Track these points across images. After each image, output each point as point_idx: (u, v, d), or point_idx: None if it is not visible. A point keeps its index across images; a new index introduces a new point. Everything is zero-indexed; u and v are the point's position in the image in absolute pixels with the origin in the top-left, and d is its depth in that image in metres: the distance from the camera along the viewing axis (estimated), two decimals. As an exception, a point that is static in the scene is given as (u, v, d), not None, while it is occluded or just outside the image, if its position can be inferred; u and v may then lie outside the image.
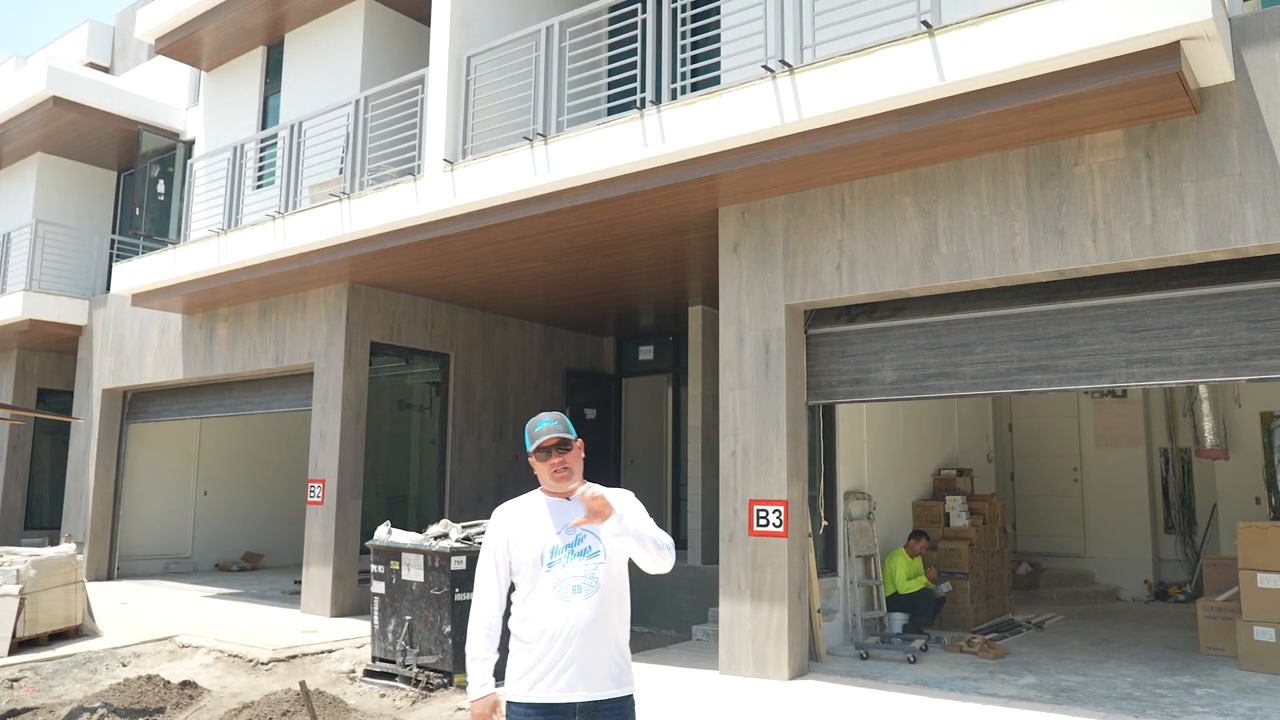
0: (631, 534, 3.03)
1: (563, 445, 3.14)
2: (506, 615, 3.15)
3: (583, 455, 3.21)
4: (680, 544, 11.82)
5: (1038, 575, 11.37)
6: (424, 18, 11.31)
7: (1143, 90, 5.42)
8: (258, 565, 14.77)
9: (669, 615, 10.23)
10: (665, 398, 14.14)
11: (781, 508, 6.95)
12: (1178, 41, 5.12)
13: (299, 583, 12.09)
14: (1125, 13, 5.13)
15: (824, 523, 7.88)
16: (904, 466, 9.52)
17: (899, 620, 8.34)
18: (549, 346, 12.71)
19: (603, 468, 13.15)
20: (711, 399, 11.10)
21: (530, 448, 3.17)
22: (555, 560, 3.05)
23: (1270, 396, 10.38)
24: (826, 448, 8.15)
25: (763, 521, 7.01)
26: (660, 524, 13.21)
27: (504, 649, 3.13)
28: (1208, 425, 10.56)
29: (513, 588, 3.14)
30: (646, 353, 13.24)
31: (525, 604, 3.08)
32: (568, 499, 3.15)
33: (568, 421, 3.19)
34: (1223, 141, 5.58)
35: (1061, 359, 6.32)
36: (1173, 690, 6.58)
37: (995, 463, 11.95)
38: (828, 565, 8.13)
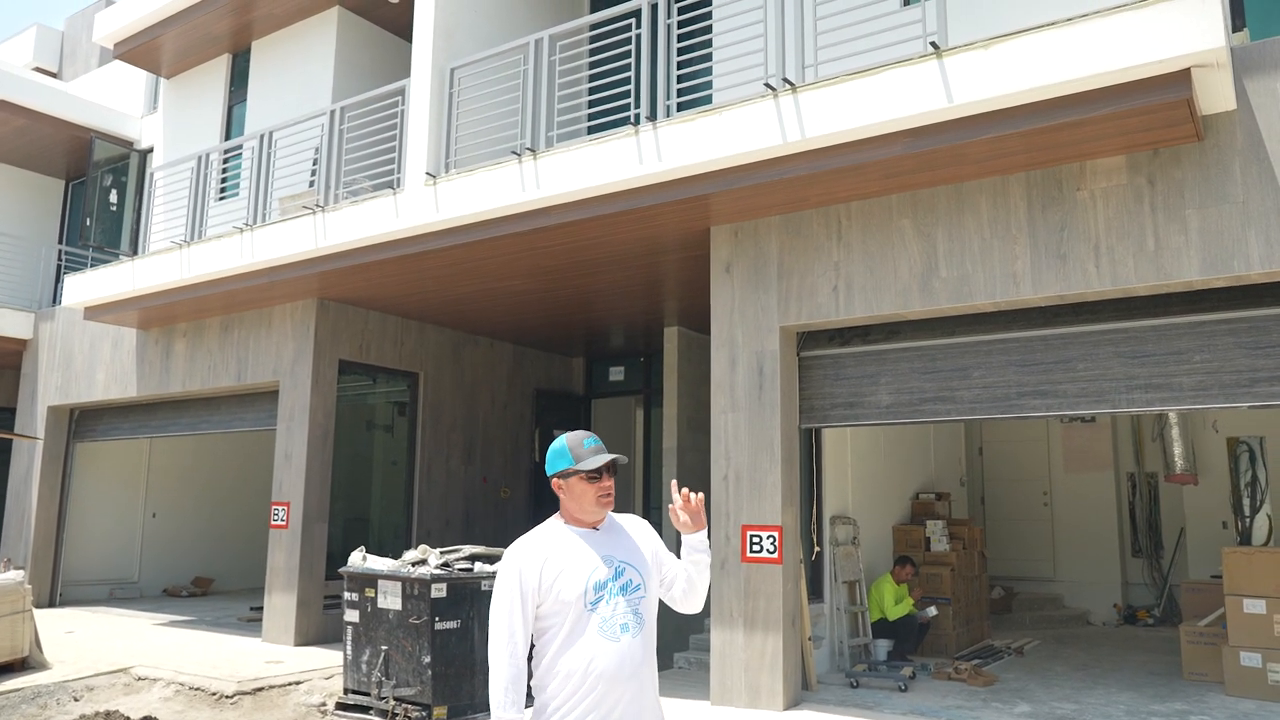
0: (703, 554, 2.87)
1: (614, 467, 2.88)
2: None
3: (610, 484, 2.98)
4: (654, 569, 11.61)
5: (1010, 599, 11.38)
6: (398, 30, 11.11)
7: (1150, 116, 5.42)
8: (209, 590, 14.21)
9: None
10: (634, 419, 13.97)
11: (776, 533, 6.80)
12: (1188, 68, 5.13)
13: (255, 609, 11.64)
14: (1137, 38, 5.13)
15: (816, 549, 7.75)
16: (884, 490, 9.46)
17: (883, 647, 8.24)
18: (519, 366, 12.47)
19: (572, 490, 12.92)
20: (687, 421, 10.96)
21: (567, 466, 2.84)
22: (600, 597, 2.77)
23: (1237, 422, 10.53)
24: (814, 472, 8.04)
25: (756, 548, 6.86)
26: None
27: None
28: (1177, 450, 10.69)
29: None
30: (617, 374, 13.06)
31: (566, 652, 2.75)
32: (595, 528, 2.89)
33: (595, 439, 2.95)
34: (1225, 169, 5.60)
35: (1061, 384, 6.29)
36: (1167, 718, 6.54)
37: (966, 486, 11.97)
38: (814, 591, 8.00)
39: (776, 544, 6.78)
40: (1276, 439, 10.40)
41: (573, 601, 2.76)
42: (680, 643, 9.31)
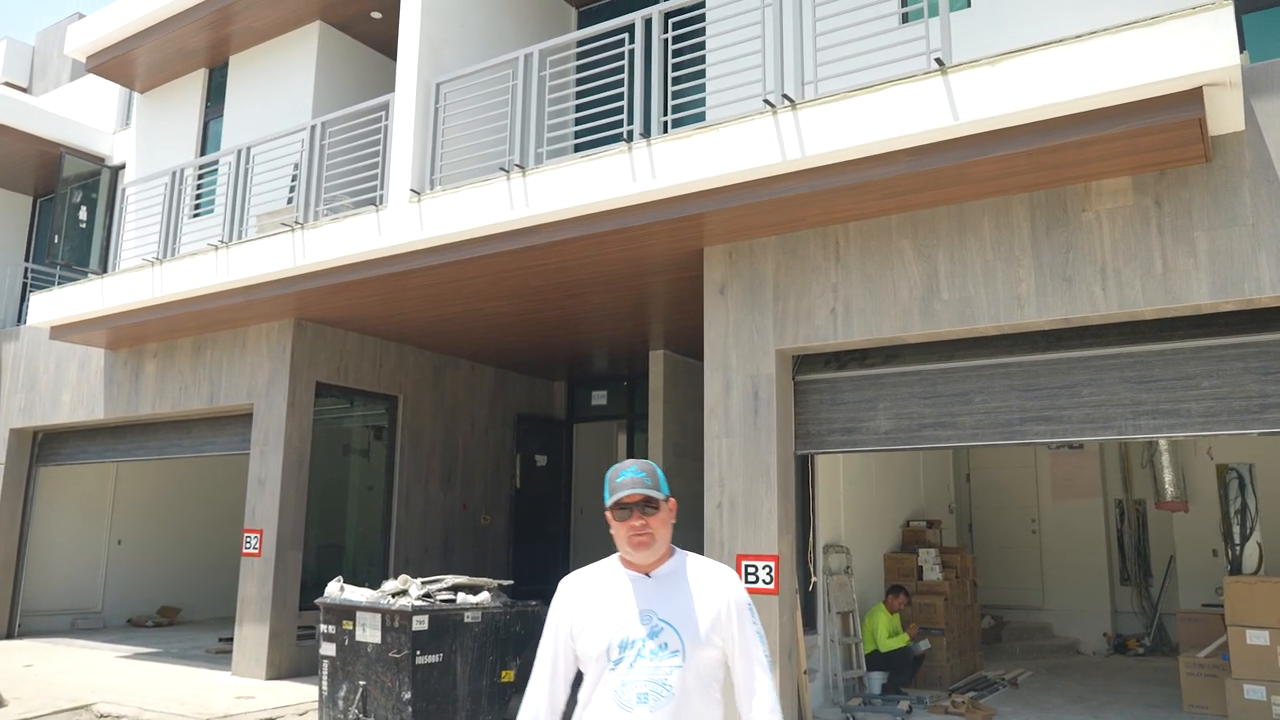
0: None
1: (647, 505, 2.48)
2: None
3: (673, 519, 2.56)
4: (638, 598, 11.34)
5: (1000, 629, 11.20)
6: (380, 45, 10.92)
7: (1160, 136, 5.31)
8: (175, 620, 13.74)
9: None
10: (615, 445, 13.73)
11: (772, 563, 6.58)
12: (1200, 87, 5.03)
13: (224, 640, 11.24)
14: (1148, 56, 5.02)
15: (813, 579, 7.53)
16: (876, 518, 9.26)
17: (878, 680, 8.02)
18: (500, 390, 12.20)
19: (552, 517, 12.64)
20: (673, 447, 10.73)
21: (607, 501, 2.53)
22: (623, 657, 2.43)
23: (1229, 448, 10.46)
24: (807, 499, 7.82)
25: (752, 578, 6.63)
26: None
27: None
28: (1168, 477, 10.59)
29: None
30: (599, 398, 12.83)
31: (584, 711, 2.47)
32: (648, 575, 2.54)
33: (659, 473, 2.54)
34: (1234, 191, 5.50)
35: (1065, 409, 6.13)
36: (1174, 754, 6.36)
37: (955, 514, 11.81)
38: (807, 622, 7.76)
39: (773, 574, 6.56)
40: (1266, 466, 10.33)
41: (595, 657, 2.46)
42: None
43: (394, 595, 7.17)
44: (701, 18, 7.73)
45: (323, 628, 7.33)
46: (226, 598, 14.21)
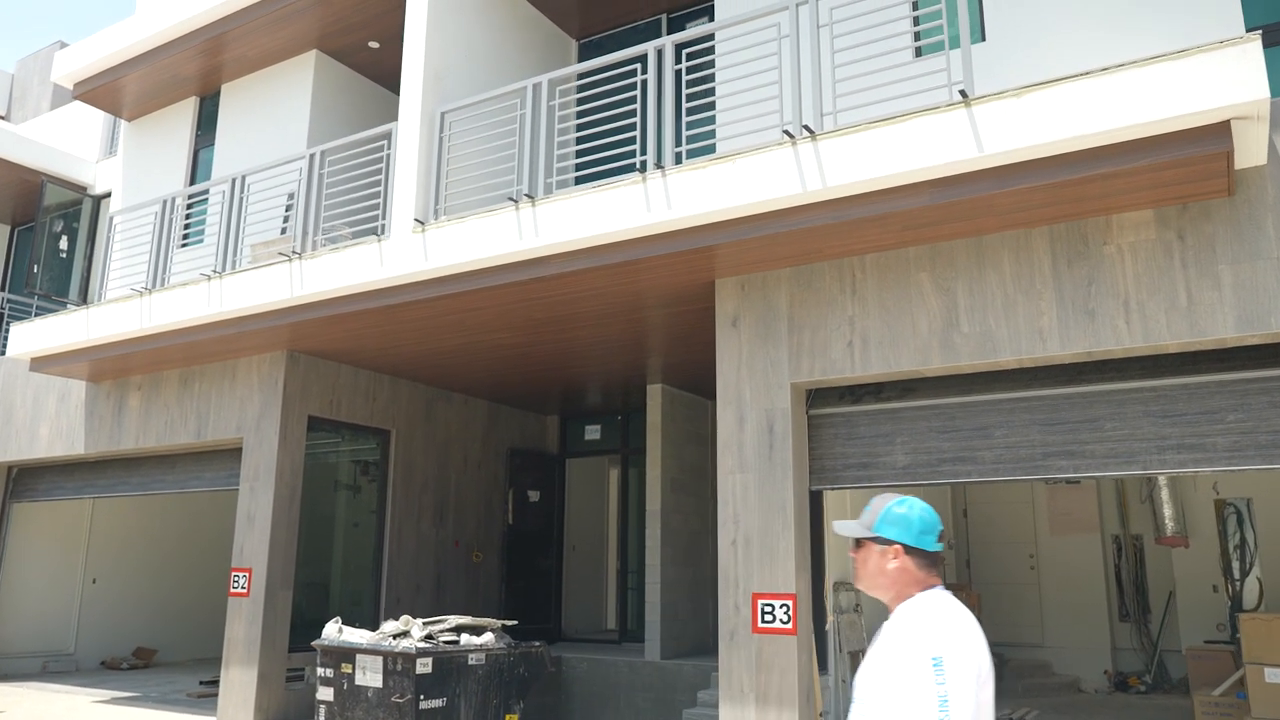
0: None
1: (856, 541, 2.55)
2: None
3: (885, 563, 2.48)
4: (636, 638, 11.12)
5: (1002, 667, 11.06)
6: (377, 75, 10.83)
7: (1184, 169, 5.28)
8: (151, 662, 13.29)
9: (624, 716, 9.49)
10: (609, 480, 13.55)
11: (790, 602, 6.42)
12: (1228, 120, 5.01)
13: (206, 683, 10.89)
14: (1176, 89, 5.00)
15: (830, 617, 7.37)
16: (881, 554, 9.11)
17: (889, 721, 7.83)
18: (493, 424, 11.99)
19: (545, 554, 12.39)
20: (671, 482, 10.57)
21: (908, 539, 2.43)
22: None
23: (1225, 483, 10.46)
24: (816, 535, 7.68)
25: (768, 617, 6.46)
26: (602, 615, 12.56)
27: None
28: (1167, 512, 10.56)
29: None
30: (593, 432, 12.65)
31: None
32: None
33: (879, 511, 2.50)
34: (1258, 225, 5.48)
35: (1088, 444, 6.05)
36: (1200, 797, 6.23)
37: (954, 549, 11.71)
38: (819, 663, 7.59)
39: (790, 613, 6.39)
40: (1264, 501, 10.34)
41: None
42: (662, 716, 8.84)
43: (395, 637, 6.93)
44: (712, 49, 7.70)
45: (320, 671, 7.07)
46: (205, 638, 13.82)
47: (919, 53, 7.03)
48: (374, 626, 9.75)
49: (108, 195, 13.36)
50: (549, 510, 12.46)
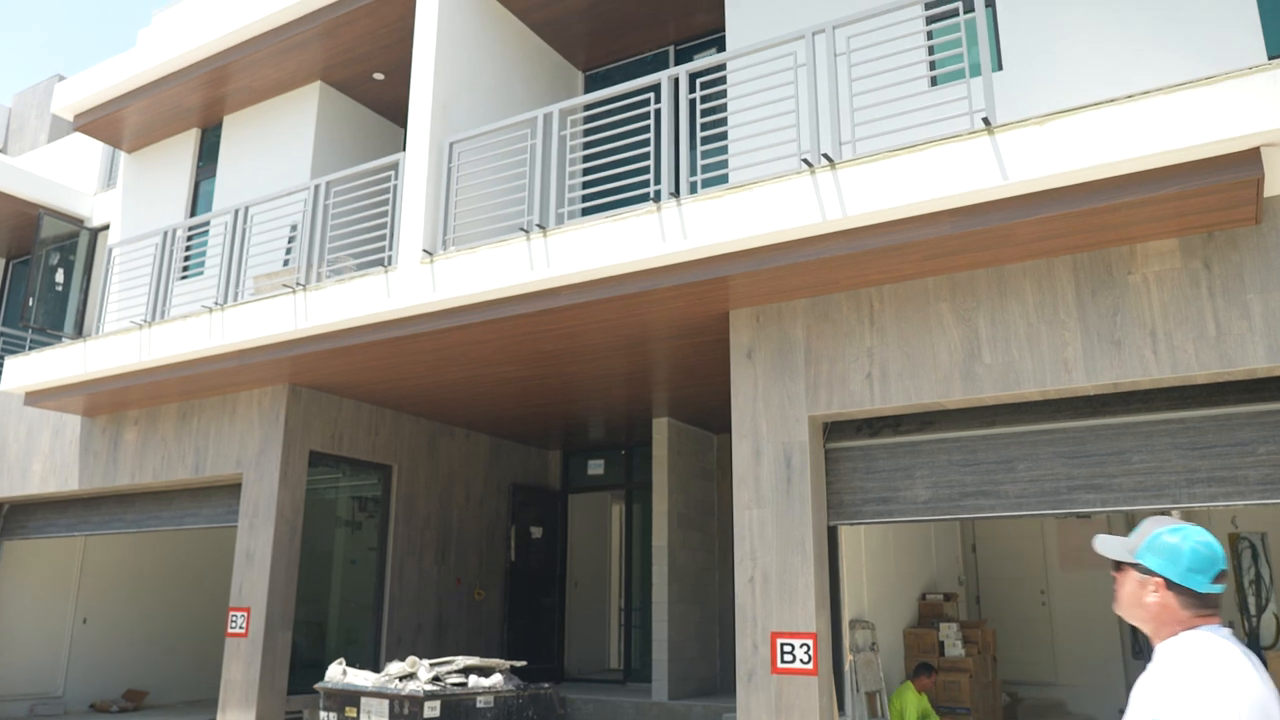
0: None
1: (1114, 564, 2.35)
2: None
3: (1143, 594, 2.27)
4: (641, 677, 10.87)
5: (1015, 706, 10.84)
6: (381, 107, 10.78)
7: (1211, 197, 5.21)
8: (141, 704, 12.94)
9: (636, 759, 9.25)
10: (611, 516, 13.36)
11: (810, 641, 6.24)
12: (1258, 148, 4.95)
13: (201, 727, 10.58)
14: (1204, 114, 4.94)
15: (848, 657, 7.17)
16: (895, 592, 8.95)
17: (907, 764, 7.63)
18: (495, 459, 11.81)
19: (547, 591, 12.16)
20: (678, 518, 10.39)
21: (1172, 573, 2.18)
22: None
23: (1243, 518, 10.32)
24: (832, 571, 7.51)
25: (788, 657, 6.27)
26: (606, 653, 12.30)
27: None
28: (1181, 547, 10.39)
29: None
30: (596, 467, 12.47)
31: None
32: None
33: (1145, 536, 2.28)
34: (1287, 253, 5.40)
35: (1115, 477, 5.92)
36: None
37: (963, 585, 11.53)
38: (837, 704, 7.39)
39: (811, 653, 6.21)
40: (1279, 535, 10.20)
41: None
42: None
43: (401, 679, 6.72)
44: (723, 79, 7.66)
45: (323, 715, 6.84)
46: (198, 679, 13.48)
47: (934, 82, 6.98)
48: (375, 667, 9.51)
49: (105, 228, 13.24)
50: (551, 547, 12.24)
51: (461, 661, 7.01)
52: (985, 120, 5.49)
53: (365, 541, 10.23)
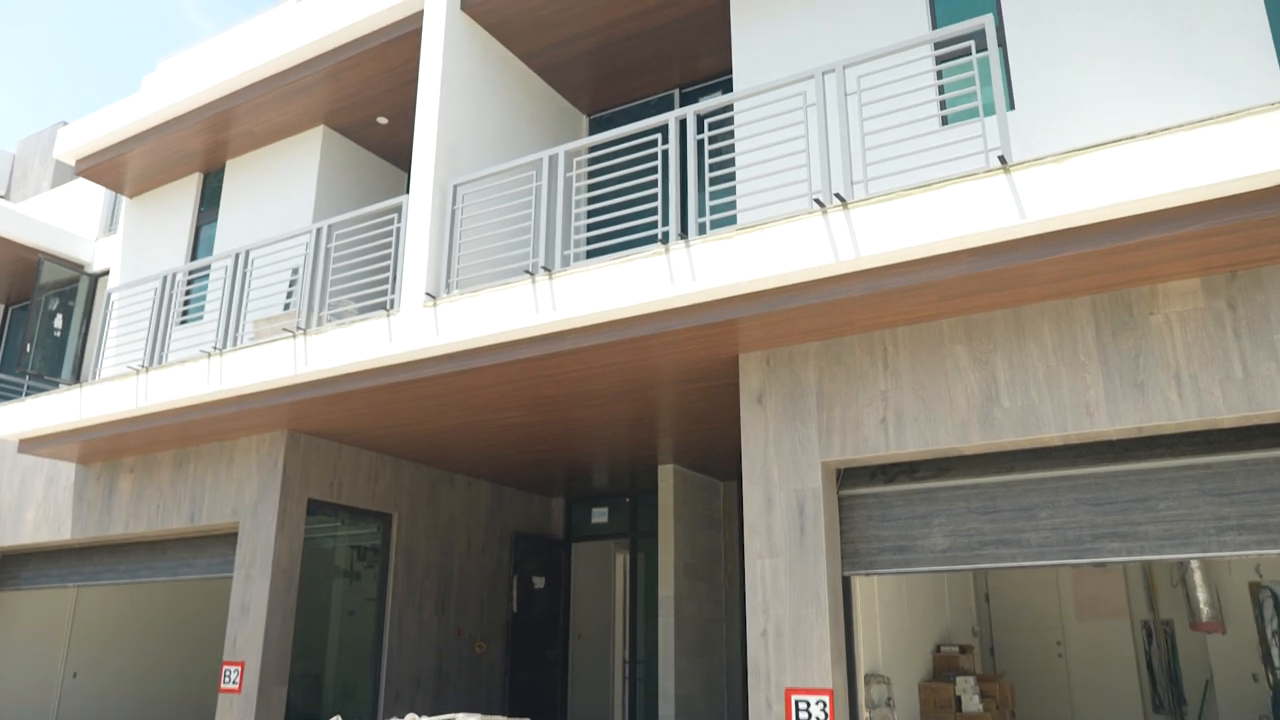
0: None
1: None
2: None
3: None
4: (648, 733, 10.54)
5: (1033, 763, 10.49)
6: (384, 151, 10.75)
7: (1235, 235, 5.08)
8: (131, 762, 12.56)
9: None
10: (615, 565, 13.09)
11: (826, 698, 5.98)
12: (1283, 184, 4.82)
13: (192, 787, 10.22)
14: (1227, 151, 4.82)
15: (865, 714, 6.89)
16: (909, 644, 8.67)
17: (927, 826, 7.30)
18: (497, 507, 11.57)
19: (550, 644, 11.85)
20: (684, 567, 10.13)
21: None
22: None
23: (1267, 566, 10.07)
24: (846, 624, 7.26)
25: (803, 714, 6.01)
26: (610, 708, 11.90)
27: None
28: (1202, 596, 10.14)
29: None
30: (600, 515, 12.23)
31: None
32: None
33: None
34: (1314, 293, 5.25)
35: (1141, 525, 5.71)
36: None
37: (978, 637, 11.22)
38: (851, 762, 7.10)
39: (827, 710, 5.95)
40: (1301, 584, 9.95)
41: None
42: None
43: (400, 738, 6.43)
44: (730, 120, 7.58)
45: (318, 776, 6.54)
46: (191, 736, 13.11)
47: (944, 121, 6.90)
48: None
49: (105, 273, 13.15)
50: (554, 597, 11.96)
51: (462, 717, 6.74)
52: (1001, 158, 5.38)
53: (363, 592, 9.97)
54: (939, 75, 7.01)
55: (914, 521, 6.38)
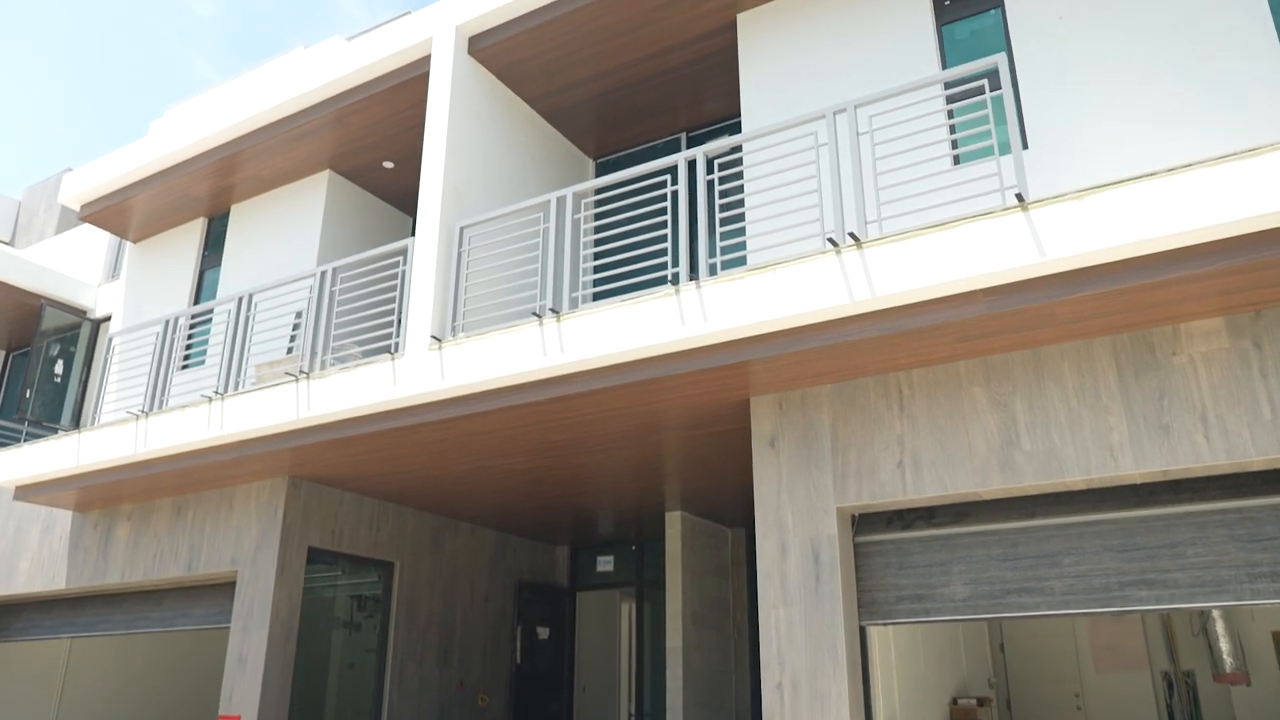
0: None
1: None
2: None
3: None
4: (656, 790, 10.22)
5: (1055, 821, 10.14)
6: (389, 195, 10.72)
7: (1262, 273, 4.97)
8: (122, 821, 12.19)
9: None
10: (621, 615, 12.82)
11: (845, 754, 5.74)
12: (1311, 220, 4.72)
13: None
14: (1249, 187, 4.72)
15: (886, 772, 6.64)
16: (925, 696, 8.41)
17: None
18: (501, 556, 11.35)
19: (554, 696, 11.55)
20: (692, 617, 9.89)
21: None
22: None
23: (1276, 612, 9.83)
24: (863, 676, 7.02)
25: (822, 772, 5.77)
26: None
27: None
28: (1224, 646, 9.88)
29: None
30: (605, 564, 11.99)
31: None
32: None
33: None
34: (1342, 332, 5.13)
35: (1169, 572, 5.53)
36: None
37: (994, 689, 10.92)
38: (869, 822, 6.82)
39: (846, 768, 5.71)
40: (1327, 633, 9.70)
41: None
42: None
43: (401, 797, 6.18)
44: (739, 160, 7.53)
45: (315, 838, 6.28)
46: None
47: (956, 160, 6.83)
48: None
49: (108, 319, 13.07)
50: (559, 648, 11.68)
51: (466, 777, 6.50)
52: (1019, 196, 5.28)
53: (364, 643, 9.72)
54: (950, 114, 6.95)
55: (933, 569, 6.19)
